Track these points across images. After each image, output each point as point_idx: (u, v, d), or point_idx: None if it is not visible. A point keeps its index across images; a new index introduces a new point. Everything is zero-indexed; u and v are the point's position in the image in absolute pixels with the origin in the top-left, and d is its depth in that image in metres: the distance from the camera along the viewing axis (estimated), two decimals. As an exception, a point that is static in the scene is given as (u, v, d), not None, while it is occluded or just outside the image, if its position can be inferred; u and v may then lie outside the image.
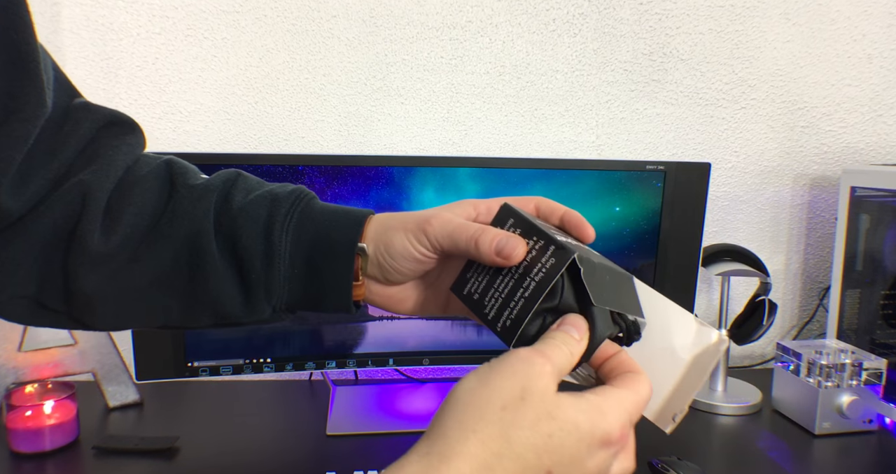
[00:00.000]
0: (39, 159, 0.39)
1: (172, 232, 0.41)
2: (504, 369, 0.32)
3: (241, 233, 0.41)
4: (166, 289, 0.41)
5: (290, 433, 0.89)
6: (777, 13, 1.12)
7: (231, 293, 0.41)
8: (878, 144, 1.19)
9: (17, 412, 0.82)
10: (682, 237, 0.92)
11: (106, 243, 0.40)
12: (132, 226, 0.41)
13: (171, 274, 0.41)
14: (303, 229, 0.42)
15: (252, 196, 0.42)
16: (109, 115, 0.44)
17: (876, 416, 0.91)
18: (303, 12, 1.03)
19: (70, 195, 0.40)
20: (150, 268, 0.41)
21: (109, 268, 0.40)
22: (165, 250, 0.41)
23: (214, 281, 0.41)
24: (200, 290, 0.41)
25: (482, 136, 1.09)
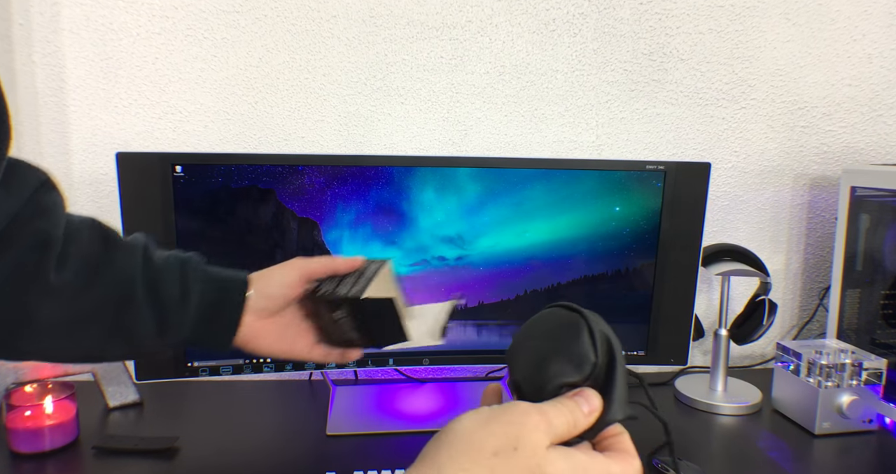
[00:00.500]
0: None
1: (111, 273, 0.51)
2: (503, 417, 0.34)
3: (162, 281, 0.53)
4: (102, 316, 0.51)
5: (290, 433, 0.88)
6: (777, 13, 1.12)
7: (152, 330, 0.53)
8: (878, 144, 1.19)
9: (17, 412, 0.82)
10: (682, 237, 0.92)
11: (61, 276, 0.48)
12: (81, 263, 0.50)
13: (108, 305, 0.51)
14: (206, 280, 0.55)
15: (165, 254, 0.55)
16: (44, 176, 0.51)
17: (876, 416, 0.91)
18: (303, 12, 1.03)
19: (32, 239, 0.47)
20: (94, 298, 0.50)
21: (64, 297, 0.49)
22: (105, 286, 0.51)
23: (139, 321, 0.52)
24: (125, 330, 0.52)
25: (482, 136, 1.09)
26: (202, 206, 0.84)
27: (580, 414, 0.36)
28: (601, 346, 0.38)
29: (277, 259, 0.86)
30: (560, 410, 0.35)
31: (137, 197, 0.82)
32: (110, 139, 1.03)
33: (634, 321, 0.94)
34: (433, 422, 0.91)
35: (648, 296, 0.93)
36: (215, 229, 0.85)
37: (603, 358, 0.38)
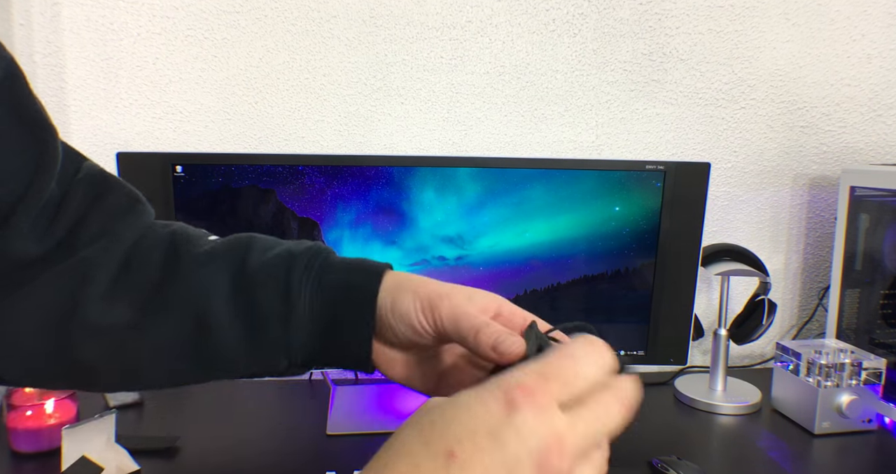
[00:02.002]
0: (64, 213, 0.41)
1: (174, 300, 0.40)
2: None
3: (259, 293, 0.40)
4: (172, 357, 0.41)
5: (290, 433, 0.89)
6: (777, 13, 1.12)
7: (241, 356, 0.40)
8: (878, 144, 1.19)
9: (17, 412, 0.82)
10: (681, 237, 0.93)
11: (105, 316, 0.40)
12: (132, 298, 0.41)
13: (177, 342, 0.40)
14: (322, 281, 0.41)
15: (269, 254, 0.42)
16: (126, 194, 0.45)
17: (875, 416, 0.91)
18: (303, 12, 1.03)
19: (75, 272, 0.40)
20: (154, 339, 0.40)
21: (111, 341, 0.40)
22: (169, 321, 0.40)
23: (222, 346, 0.40)
24: (209, 354, 0.40)
25: (482, 136, 1.10)
26: (202, 206, 0.84)
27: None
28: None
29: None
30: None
31: (138, 197, 0.82)
32: (111, 139, 1.03)
33: (634, 321, 0.94)
34: (433, 422, 0.91)
35: (648, 295, 0.94)
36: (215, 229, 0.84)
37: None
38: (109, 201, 0.43)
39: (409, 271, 0.46)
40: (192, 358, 0.40)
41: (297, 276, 0.40)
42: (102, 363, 0.40)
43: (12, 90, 0.38)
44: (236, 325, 0.40)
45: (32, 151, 0.39)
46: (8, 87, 0.38)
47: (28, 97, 0.39)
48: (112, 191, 0.44)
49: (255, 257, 0.41)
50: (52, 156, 0.40)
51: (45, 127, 0.40)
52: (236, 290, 0.40)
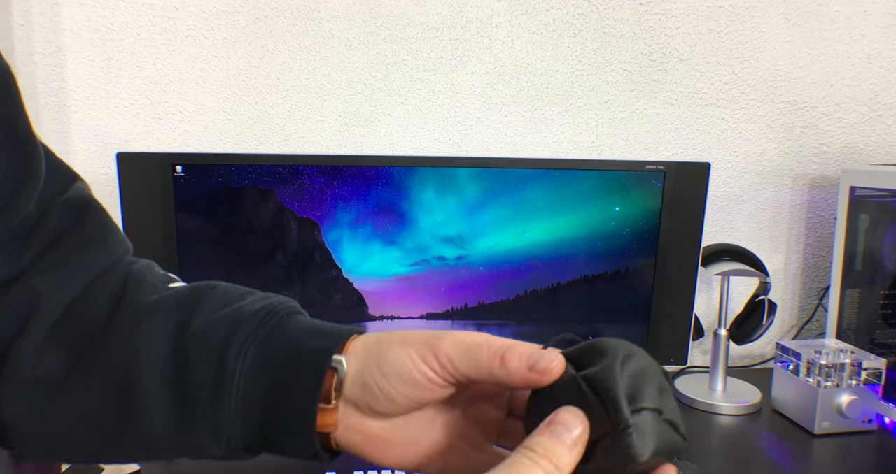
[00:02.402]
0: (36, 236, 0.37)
1: (104, 362, 0.34)
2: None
3: (191, 360, 0.34)
4: (93, 427, 0.35)
5: (290, 433, 0.88)
6: (776, 13, 1.12)
7: (166, 430, 0.34)
8: (878, 144, 1.19)
9: (17, 412, 0.82)
10: (681, 237, 0.93)
11: (36, 369, 0.34)
12: (67, 351, 0.35)
13: (100, 410, 0.34)
14: (267, 349, 0.34)
15: (215, 316, 0.35)
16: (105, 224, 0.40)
17: (875, 416, 0.91)
18: (303, 12, 1.03)
19: (21, 304, 0.35)
20: (75, 403, 0.34)
21: (34, 399, 0.34)
22: (94, 381, 0.34)
23: (147, 417, 0.34)
24: (131, 428, 0.34)
25: (482, 136, 1.10)
26: (202, 207, 0.84)
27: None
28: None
29: (278, 259, 0.86)
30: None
31: (138, 197, 0.82)
32: (111, 139, 1.03)
33: (634, 321, 0.94)
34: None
35: (648, 295, 0.94)
36: (215, 229, 0.85)
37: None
38: (85, 227, 0.39)
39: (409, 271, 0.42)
40: (115, 431, 0.34)
41: (236, 345, 0.34)
42: (22, 423, 0.35)
43: (4, 103, 0.36)
44: (163, 398, 0.34)
45: (14, 168, 0.36)
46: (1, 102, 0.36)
47: (19, 111, 0.37)
48: (91, 218, 0.40)
49: (199, 317, 0.35)
50: (34, 172, 0.37)
51: (30, 142, 0.37)
52: (170, 357, 0.34)
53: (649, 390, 0.28)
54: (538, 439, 0.27)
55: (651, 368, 0.29)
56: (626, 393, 0.28)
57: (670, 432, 0.28)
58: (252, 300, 0.37)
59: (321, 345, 0.33)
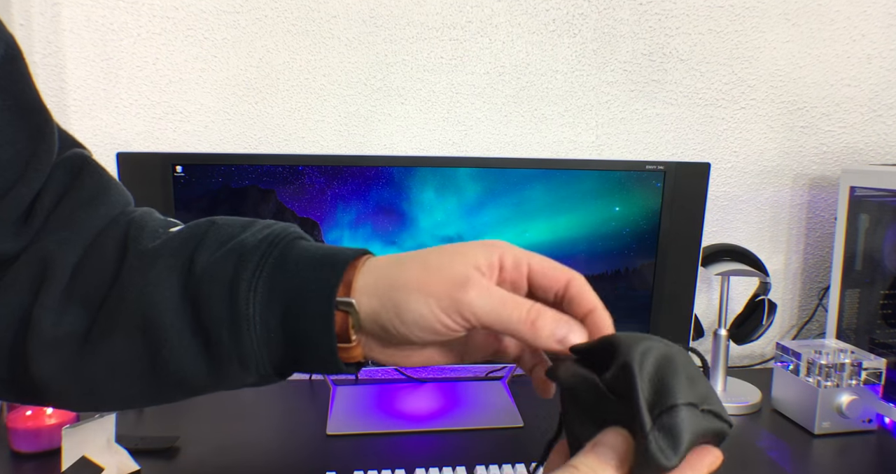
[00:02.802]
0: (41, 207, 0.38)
1: (120, 311, 0.35)
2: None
3: (204, 299, 0.34)
4: (127, 375, 0.36)
5: (290, 433, 0.89)
6: (776, 13, 1.12)
7: (198, 369, 0.35)
8: (878, 144, 1.19)
9: (17, 412, 0.82)
10: (681, 237, 0.93)
11: (58, 329, 0.35)
12: (85, 307, 0.36)
13: (129, 359, 0.35)
14: (275, 284, 0.34)
15: (220, 252, 0.36)
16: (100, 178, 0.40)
17: (875, 416, 0.91)
18: (303, 12, 1.03)
19: (33, 268, 0.36)
20: (105, 355, 0.35)
21: (63, 356, 0.35)
22: (117, 334, 0.35)
23: (176, 360, 0.35)
24: (162, 372, 0.35)
25: (482, 136, 1.10)
26: (202, 207, 0.84)
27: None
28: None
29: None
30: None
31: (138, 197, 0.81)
32: (111, 139, 1.03)
33: (634, 321, 0.94)
34: (433, 422, 0.91)
35: (648, 295, 0.94)
36: (216, 229, 0.85)
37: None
38: (84, 184, 0.39)
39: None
40: (149, 375, 0.35)
41: (245, 280, 0.34)
42: (56, 382, 0.36)
43: (11, 75, 0.35)
44: (187, 339, 0.34)
45: (25, 142, 0.36)
46: (4, 73, 0.35)
47: (26, 83, 0.36)
48: (90, 174, 0.40)
49: (204, 255, 0.36)
50: (48, 145, 0.37)
51: (41, 115, 0.37)
52: (183, 299, 0.35)
53: (678, 384, 0.27)
54: (584, 459, 0.28)
55: (676, 359, 0.28)
56: (650, 396, 0.27)
57: (711, 420, 0.27)
58: (253, 231, 0.37)
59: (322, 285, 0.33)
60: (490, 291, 0.32)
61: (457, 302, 0.31)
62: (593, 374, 0.30)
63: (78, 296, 0.36)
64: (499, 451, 0.84)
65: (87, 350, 0.35)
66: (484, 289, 0.32)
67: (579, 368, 0.31)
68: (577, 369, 0.31)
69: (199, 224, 0.38)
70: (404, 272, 0.33)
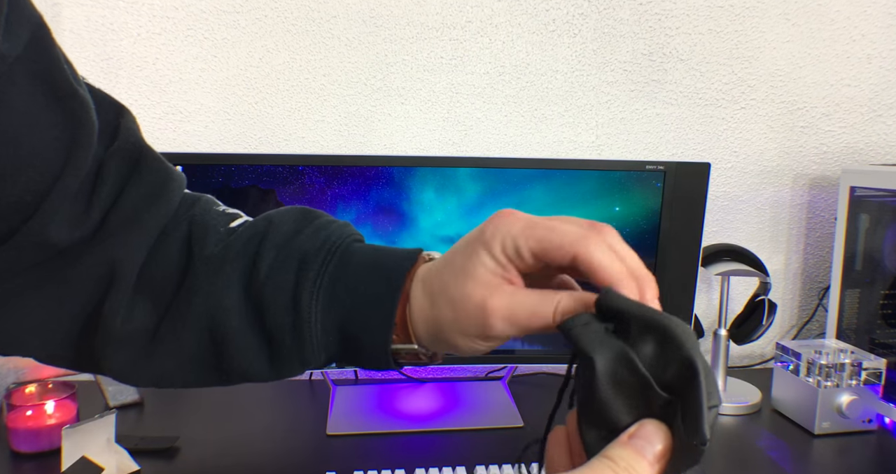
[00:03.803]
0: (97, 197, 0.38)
1: (189, 312, 0.38)
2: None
3: (268, 305, 0.37)
4: (194, 368, 0.39)
5: (290, 433, 0.89)
6: (776, 13, 1.12)
7: (261, 366, 0.39)
8: (878, 144, 1.19)
9: (17, 412, 0.82)
10: (681, 237, 0.93)
11: (127, 325, 0.37)
12: (153, 305, 0.38)
13: (196, 354, 0.38)
14: (335, 293, 0.37)
15: (281, 256, 0.38)
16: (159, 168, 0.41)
17: (875, 416, 0.91)
18: (303, 12, 1.03)
19: (101, 268, 0.37)
20: (173, 351, 0.38)
21: (132, 351, 0.38)
22: (185, 332, 0.38)
23: (241, 357, 0.38)
24: (227, 366, 0.39)
25: (482, 136, 1.10)
26: (202, 206, 0.84)
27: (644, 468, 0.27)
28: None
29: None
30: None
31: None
32: (111, 139, 1.03)
33: (634, 321, 0.94)
34: (433, 422, 0.91)
35: (648, 295, 0.94)
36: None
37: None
38: (144, 178, 0.40)
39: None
40: (215, 368, 0.39)
41: (307, 290, 0.37)
42: (128, 372, 0.39)
43: (40, 58, 0.34)
44: (252, 340, 0.38)
45: (65, 126, 0.35)
46: (34, 56, 0.34)
47: (57, 64, 0.35)
48: (147, 165, 0.40)
49: (265, 261, 0.38)
50: (87, 130, 0.36)
51: (76, 100, 0.36)
52: (248, 303, 0.38)
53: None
54: (620, 451, 0.27)
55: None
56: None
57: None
58: (309, 233, 0.39)
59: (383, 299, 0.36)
60: (513, 315, 0.33)
61: (489, 335, 0.34)
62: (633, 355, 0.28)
63: (146, 295, 0.38)
64: (499, 451, 0.84)
65: (155, 345, 0.38)
66: (506, 316, 0.33)
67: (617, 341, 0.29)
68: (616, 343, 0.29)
69: (258, 223, 0.40)
70: (441, 314, 0.35)
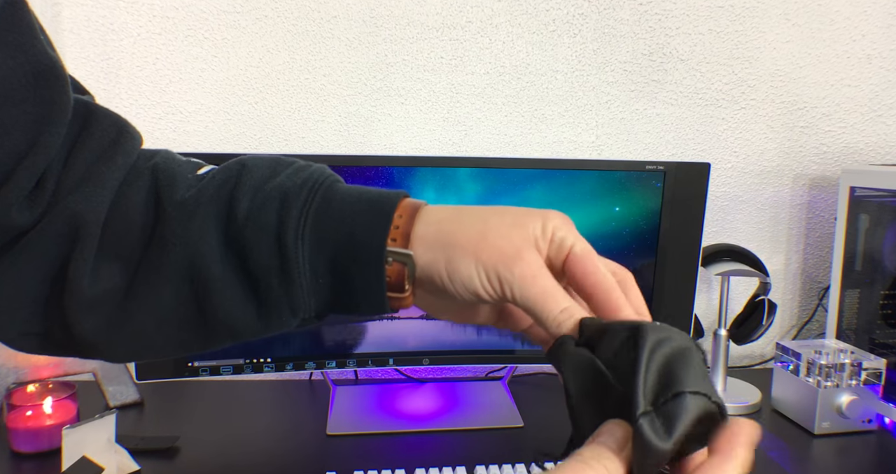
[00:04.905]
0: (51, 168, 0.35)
1: (165, 263, 0.35)
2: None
3: (250, 247, 0.34)
4: (175, 325, 0.36)
5: (290, 433, 0.89)
6: (777, 13, 1.12)
7: (248, 317, 0.36)
8: (878, 144, 1.19)
9: (17, 412, 0.82)
10: (681, 237, 0.93)
11: (95, 286, 0.35)
12: (122, 262, 0.35)
13: (177, 309, 0.36)
14: (321, 230, 0.35)
15: (259, 197, 0.35)
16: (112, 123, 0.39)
17: (875, 416, 0.91)
18: (303, 13, 1.03)
19: (61, 227, 0.35)
20: (151, 307, 0.35)
21: (105, 313, 0.35)
22: (162, 286, 0.35)
23: (226, 307, 0.35)
24: (212, 319, 0.36)
25: (482, 136, 1.10)
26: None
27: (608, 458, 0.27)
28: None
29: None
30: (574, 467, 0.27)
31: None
32: (111, 139, 1.03)
33: (634, 321, 0.94)
34: (433, 422, 0.91)
35: (648, 295, 0.94)
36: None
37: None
38: (94, 134, 0.37)
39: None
40: (198, 323, 0.36)
41: (291, 228, 0.34)
42: (103, 338, 0.36)
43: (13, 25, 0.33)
44: (237, 287, 0.35)
45: (38, 104, 0.33)
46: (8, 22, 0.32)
47: (32, 35, 0.33)
48: (96, 123, 0.38)
49: (244, 202, 0.35)
50: (60, 110, 0.34)
51: (52, 72, 0.34)
52: (228, 247, 0.35)
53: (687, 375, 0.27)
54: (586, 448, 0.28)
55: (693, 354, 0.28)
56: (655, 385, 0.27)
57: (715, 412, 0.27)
58: (288, 173, 0.37)
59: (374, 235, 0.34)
60: (535, 278, 0.32)
61: (502, 277, 0.32)
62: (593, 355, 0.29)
63: (112, 252, 0.35)
64: (499, 451, 0.84)
65: (130, 303, 0.35)
66: (529, 273, 0.32)
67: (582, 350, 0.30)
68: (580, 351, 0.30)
69: (230, 167, 0.38)
70: (464, 231, 0.33)
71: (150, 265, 0.35)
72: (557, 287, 0.32)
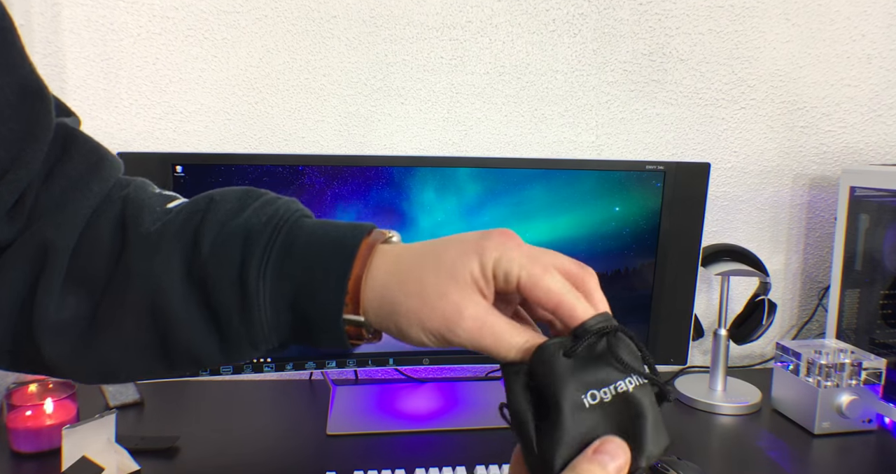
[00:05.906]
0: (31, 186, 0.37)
1: (129, 295, 0.35)
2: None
3: (212, 283, 0.35)
4: (138, 354, 0.36)
5: (290, 433, 0.89)
6: (777, 13, 1.12)
7: (210, 349, 0.36)
8: (878, 144, 1.19)
9: (17, 411, 0.82)
10: (681, 237, 0.93)
11: (61, 312, 0.35)
12: (87, 290, 0.36)
13: (139, 340, 0.36)
14: (283, 269, 0.35)
15: (224, 233, 0.36)
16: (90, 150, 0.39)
17: (875, 416, 0.91)
18: (303, 12, 1.03)
19: (32, 251, 0.36)
20: (114, 336, 0.36)
21: (70, 341, 0.36)
22: (125, 317, 0.35)
23: (187, 340, 0.35)
24: (174, 351, 0.36)
25: (482, 136, 1.10)
26: (202, 206, 0.84)
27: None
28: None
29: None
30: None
31: (138, 197, 0.82)
32: (111, 139, 1.03)
33: (634, 321, 0.94)
34: (433, 422, 0.91)
35: (648, 295, 0.94)
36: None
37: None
38: (74, 159, 0.38)
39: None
40: (161, 354, 0.36)
41: (254, 266, 0.34)
42: (67, 362, 0.36)
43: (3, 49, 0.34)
44: (198, 322, 0.35)
45: (22, 123, 0.34)
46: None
47: (21, 58, 0.35)
48: (76, 149, 0.39)
49: (207, 238, 0.35)
50: (43, 129, 0.35)
51: (38, 95, 0.35)
52: (190, 282, 0.35)
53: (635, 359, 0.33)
54: (586, 466, 0.29)
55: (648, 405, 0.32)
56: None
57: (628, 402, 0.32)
58: (255, 208, 0.37)
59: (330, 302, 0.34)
60: (482, 329, 0.32)
61: (450, 340, 0.33)
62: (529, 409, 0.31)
63: (79, 280, 0.36)
64: (499, 451, 0.84)
65: (95, 332, 0.36)
66: (475, 328, 0.32)
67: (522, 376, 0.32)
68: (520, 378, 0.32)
69: (198, 201, 0.38)
70: (404, 298, 0.33)
71: (113, 295, 0.36)
72: (506, 327, 0.32)
